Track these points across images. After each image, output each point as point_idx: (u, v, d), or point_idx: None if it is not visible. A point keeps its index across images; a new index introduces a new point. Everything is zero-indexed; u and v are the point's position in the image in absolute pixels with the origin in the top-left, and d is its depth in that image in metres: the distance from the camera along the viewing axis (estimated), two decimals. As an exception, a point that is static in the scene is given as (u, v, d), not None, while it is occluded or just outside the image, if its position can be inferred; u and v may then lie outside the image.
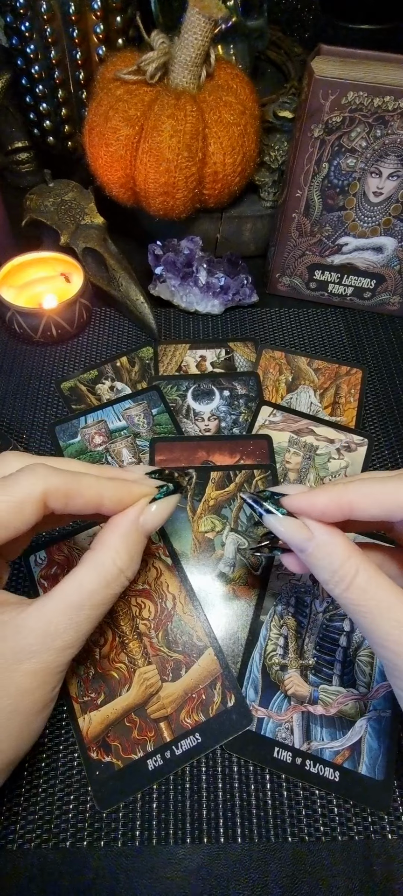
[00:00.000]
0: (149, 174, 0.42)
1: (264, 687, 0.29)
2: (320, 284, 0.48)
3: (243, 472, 0.37)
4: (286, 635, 0.31)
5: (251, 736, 0.28)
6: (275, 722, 0.28)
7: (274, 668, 0.30)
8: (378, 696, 0.29)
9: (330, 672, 0.30)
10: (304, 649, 0.31)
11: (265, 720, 0.28)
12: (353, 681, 0.30)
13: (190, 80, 0.43)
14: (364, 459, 0.38)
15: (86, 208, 0.49)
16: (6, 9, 0.47)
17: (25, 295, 0.46)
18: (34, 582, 0.33)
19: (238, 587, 0.33)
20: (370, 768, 0.27)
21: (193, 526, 0.35)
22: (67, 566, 0.33)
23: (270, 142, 0.49)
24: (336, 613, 0.32)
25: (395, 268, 0.46)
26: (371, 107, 0.37)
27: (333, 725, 0.28)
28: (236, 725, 0.28)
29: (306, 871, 0.25)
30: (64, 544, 0.34)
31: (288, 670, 0.30)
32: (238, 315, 0.49)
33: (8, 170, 0.59)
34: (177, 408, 0.41)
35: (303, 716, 0.29)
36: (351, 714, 0.29)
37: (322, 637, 0.31)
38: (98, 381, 0.43)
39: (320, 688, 0.29)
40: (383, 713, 0.28)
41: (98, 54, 0.49)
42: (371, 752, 0.28)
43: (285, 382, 0.43)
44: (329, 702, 0.29)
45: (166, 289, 0.47)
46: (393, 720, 0.28)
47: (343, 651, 0.31)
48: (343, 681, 0.30)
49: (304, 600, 0.32)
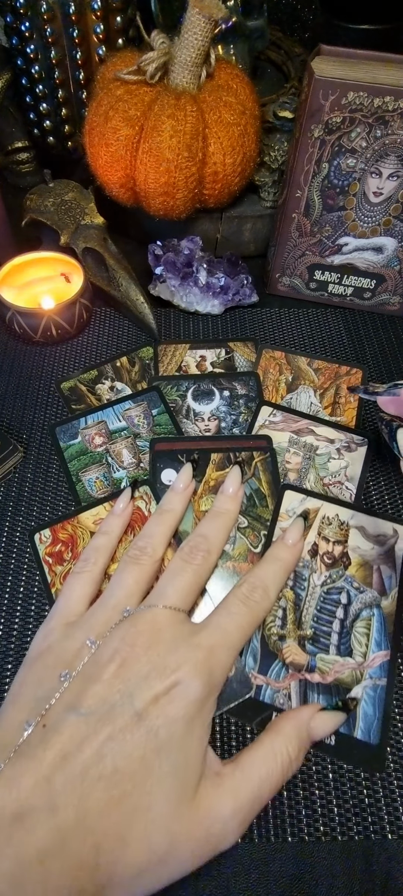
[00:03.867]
0: (149, 174, 0.42)
1: (263, 656, 0.30)
2: (320, 284, 0.48)
3: (242, 454, 0.38)
4: (284, 607, 0.32)
5: (250, 702, 0.29)
6: (274, 689, 0.29)
7: (272, 637, 0.31)
8: (373, 665, 0.30)
9: (327, 642, 0.31)
10: (302, 620, 0.31)
11: (263, 687, 0.29)
12: (350, 650, 0.30)
13: (190, 80, 0.43)
14: (364, 459, 0.38)
15: (86, 208, 0.49)
16: (6, 9, 0.47)
17: (25, 295, 0.46)
18: (39, 559, 0.33)
19: (237, 563, 0.33)
20: (365, 733, 0.28)
21: (194, 505, 0.36)
22: (72, 545, 0.34)
23: (270, 142, 0.49)
24: (334, 587, 0.32)
25: (395, 268, 0.46)
26: (372, 107, 0.37)
27: (330, 692, 0.29)
28: (237, 693, 0.29)
29: (306, 871, 0.25)
30: (68, 523, 0.35)
31: (287, 640, 0.31)
32: (238, 315, 0.49)
33: (8, 170, 0.59)
34: (177, 408, 0.41)
35: (301, 683, 0.29)
36: (348, 682, 0.29)
37: (319, 609, 0.32)
38: (98, 382, 0.43)
39: (317, 657, 0.30)
40: (378, 681, 0.29)
41: (98, 54, 0.49)
42: (367, 717, 0.28)
43: (285, 382, 0.43)
44: (326, 670, 0.30)
45: (166, 289, 0.47)
46: (388, 688, 0.29)
47: (340, 622, 0.31)
48: (340, 650, 0.30)
49: (302, 574, 0.33)
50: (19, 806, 0.20)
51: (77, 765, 0.21)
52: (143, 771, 0.22)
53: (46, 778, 0.21)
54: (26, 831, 0.20)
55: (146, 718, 0.23)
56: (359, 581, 0.33)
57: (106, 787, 0.21)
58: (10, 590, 0.33)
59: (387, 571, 0.33)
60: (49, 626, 0.28)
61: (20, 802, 0.20)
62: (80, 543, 0.34)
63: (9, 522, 0.35)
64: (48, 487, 0.37)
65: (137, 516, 0.35)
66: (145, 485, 0.36)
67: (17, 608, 0.32)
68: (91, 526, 0.35)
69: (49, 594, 0.32)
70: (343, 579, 0.33)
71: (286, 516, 0.35)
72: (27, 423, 0.41)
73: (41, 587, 0.33)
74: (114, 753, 0.22)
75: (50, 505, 0.36)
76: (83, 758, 0.22)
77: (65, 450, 0.39)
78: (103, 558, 0.31)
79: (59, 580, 0.33)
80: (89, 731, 0.22)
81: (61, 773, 0.21)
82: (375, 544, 0.34)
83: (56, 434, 0.39)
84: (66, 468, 0.38)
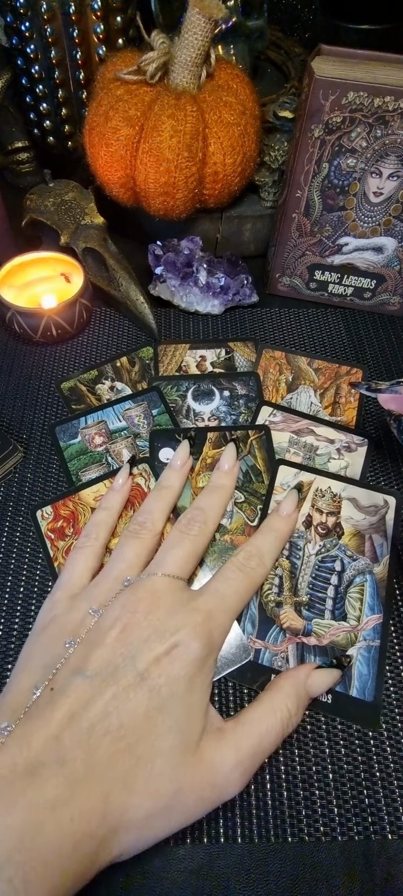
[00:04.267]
0: (149, 174, 0.42)
1: (261, 621, 0.31)
2: (320, 284, 0.48)
3: (238, 433, 0.39)
4: (281, 575, 0.33)
5: (249, 665, 0.30)
6: (272, 652, 0.30)
7: (269, 604, 0.32)
8: (367, 627, 0.31)
9: (323, 607, 0.32)
10: (298, 588, 0.33)
11: (262, 651, 0.30)
12: (344, 615, 0.32)
13: (190, 80, 0.43)
14: (364, 459, 0.38)
15: (87, 208, 0.49)
16: (6, 9, 0.47)
17: (25, 295, 0.46)
18: (41, 535, 0.34)
19: (235, 537, 0.34)
20: (360, 691, 0.29)
21: (192, 482, 0.37)
22: (73, 520, 0.35)
23: (270, 142, 0.49)
24: (328, 555, 0.34)
25: (395, 268, 0.46)
26: (372, 107, 0.37)
27: (326, 654, 0.30)
28: (236, 658, 0.30)
29: (306, 871, 0.25)
30: (69, 500, 0.36)
31: (283, 606, 0.32)
32: (238, 315, 0.49)
33: (8, 170, 0.59)
34: (177, 408, 0.41)
35: (298, 646, 0.31)
36: (343, 644, 0.31)
37: (314, 577, 0.33)
38: (98, 382, 0.43)
39: (313, 621, 0.31)
40: (372, 643, 0.31)
41: (98, 54, 0.49)
42: (361, 676, 0.29)
43: (285, 382, 0.43)
44: (322, 633, 0.31)
45: (166, 289, 0.47)
46: (381, 649, 0.30)
47: (335, 588, 0.32)
48: (335, 615, 0.31)
49: (297, 544, 0.34)
50: (30, 762, 0.21)
51: (84, 722, 0.22)
52: (147, 726, 0.23)
53: (55, 736, 0.22)
54: (38, 784, 0.21)
55: (148, 678, 0.24)
56: (352, 549, 0.34)
57: (112, 741, 0.22)
58: (10, 590, 0.33)
59: (379, 540, 0.34)
60: (53, 599, 0.29)
61: (31, 759, 0.21)
62: (81, 519, 0.35)
63: (9, 522, 0.35)
64: (48, 487, 0.37)
65: (137, 492, 0.36)
66: (144, 462, 0.37)
67: (18, 608, 0.32)
68: (91, 502, 0.36)
69: (52, 568, 0.33)
70: (336, 548, 0.34)
71: (280, 489, 0.36)
72: (27, 423, 0.41)
73: (41, 585, 0.33)
74: (118, 711, 0.23)
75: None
76: (89, 716, 0.23)
77: (65, 449, 0.39)
78: (104, 533, 0.32)
79: (62, 555, 0.34)
80: (94, 692, 0.23)
81: (69, 731, 0.22)
82: (367, 514, 0.35)
83: (56, 434, 0.39)
84: (65, 468, 0.38)
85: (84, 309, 0.45)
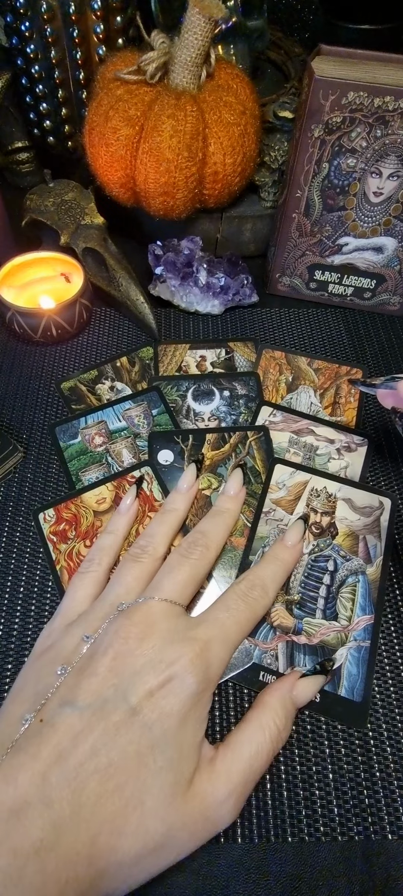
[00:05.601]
0: (149, 174, 0.42)
1: None
2: (320, 284, 0.48)
3: (237, 434, 0.39)
4: None
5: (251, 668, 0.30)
6: (262, 650, 0.30)
7: None
8: (358, 628, 0.31)
9: (314, 607, 0.32)
10: (290, 586, 0.32)
11: (252, 647, 0.30)
12: (335, 614, 0.31)
13: (190, 80, 0.43)
14: (364, 459, 0.38)
15: (87, 208, 0.49)
16: (6, 9, 0.47)
17: (25, 295, 0.46)
18: (44, 538, 0.34)
19: (234, 539, 0.35)
20: (349, 691, 0.29)
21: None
22: (75, 523, 0.35)
23: (270, 142, 0.49)
24: (322, 555, 0.34)
25: (395, 268, 0.46)
26: (372, 107, 0.37)
27: (315, 653, 0.30)
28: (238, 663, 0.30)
29: (306, 871, 0.25)
30: (71, 502, 0.36)
31: (275, 604, 0.32)
32: (238, 315, 0.49)
33: (8, 170, 0.59)
34: (177, 408, 0.41)
35: (288, 644, 0.31)
36: (333, 644, 0.30)
37: (307, 576, 0.33)
38: (98, 382, 0.43)
39: (304, 620, 0.31)
40: (362, 643, 0.31)
41: (98, 54, 0.49)
42: (351, 677, 0.29)
43: (285, 382, 0.43)
44: (312, 632, 0.31)
45: (166, 289, 0.47)
46: (371, 649, 0.30)
47: (327, 588, 0.32)
48: (326, 614, 0.31)
49: None
50: (15, 802, 0.21)
51: (72, 760, 0.22)
52: (137, 765, 0.22)
53: (42, 774, 0.21)
54: (22, 826, 0.20)
55: (140, 713, 0.23)
56: (346, 550, 0.34)
57: (100, 781, 0.22)
58: (10, 590, 0.33)
59: (372, 541, 0.34)
60: (52, 626, 0.29)
61: (16, 798, 0.21)
62: (83, 522, 0.35)
63: (9, 523, 0.35)
64: (48, 488, 0.37)
65: (140, 496, 0.36)
66: (146, 465, 0.37)
67: (18, 608, 0.32)
68: (93, 505, 0.36)
69: (53, 572, 0.33)
70: (330, 548, 0.34)
71: (276, 488, 0.36)
72: (27, 423, 0.41)
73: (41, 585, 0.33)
74: (108, 748, 0.22)
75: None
76: (77, 753, 0.22)
77: (65, 449, 0.39)
78: (108, 558, 0.32)
79: (64, 558, 0.33)
80: (83, 726, 0.23)
81: (56, 769, 0.22)
82: (361, 515, 0.35)
83: (56, 434, 0.39)
84: (66, 468, 0.38)
85: (84, 309, 0.45)
